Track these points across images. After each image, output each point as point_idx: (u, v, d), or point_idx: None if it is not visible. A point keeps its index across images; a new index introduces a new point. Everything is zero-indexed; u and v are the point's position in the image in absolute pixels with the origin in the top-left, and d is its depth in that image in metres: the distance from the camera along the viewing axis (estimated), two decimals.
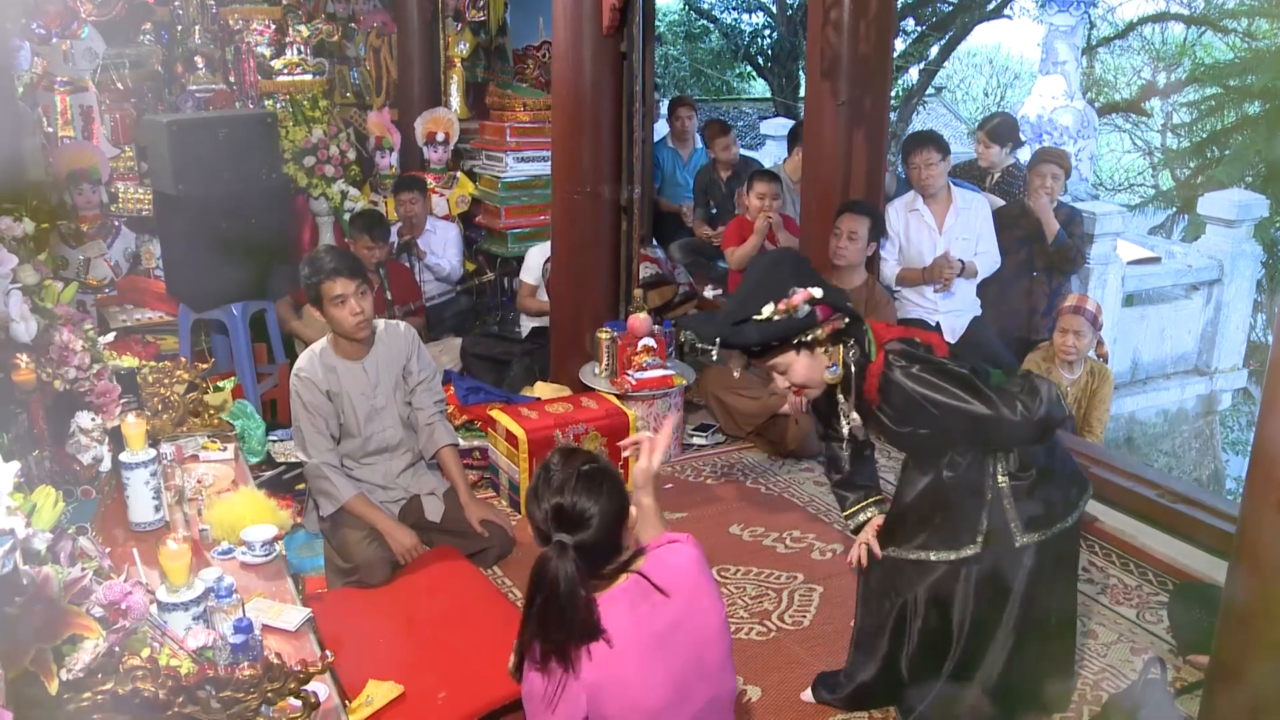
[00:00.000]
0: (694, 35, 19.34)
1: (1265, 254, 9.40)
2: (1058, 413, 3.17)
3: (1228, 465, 9.64)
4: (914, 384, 3.16)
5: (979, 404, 3.11)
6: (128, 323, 6.33)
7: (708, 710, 2.63)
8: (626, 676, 2.49)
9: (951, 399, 3.13)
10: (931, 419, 3.17)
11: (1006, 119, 6.93)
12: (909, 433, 3.28)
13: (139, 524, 3.29)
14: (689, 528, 4.92)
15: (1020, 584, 3.29)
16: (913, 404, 3.17)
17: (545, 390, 6.04)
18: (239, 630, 2.57)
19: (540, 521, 2.54)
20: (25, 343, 3.10)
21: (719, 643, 2.68)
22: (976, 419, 3.12)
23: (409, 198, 7.18)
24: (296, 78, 7.92)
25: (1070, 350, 5.38)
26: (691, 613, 2.61)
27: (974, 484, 3.28)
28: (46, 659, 2.02)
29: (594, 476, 2.57)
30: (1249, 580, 2.58)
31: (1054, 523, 3.29)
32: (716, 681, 2.65)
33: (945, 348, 3.35)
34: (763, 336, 3.20)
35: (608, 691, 2.48)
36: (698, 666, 2.59)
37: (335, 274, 4.16)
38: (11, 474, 2.08)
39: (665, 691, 2.52)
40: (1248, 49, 12.76)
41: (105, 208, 6.81)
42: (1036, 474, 3.27)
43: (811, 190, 6.03)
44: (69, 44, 6.73)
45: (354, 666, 3.57)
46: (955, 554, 3.31)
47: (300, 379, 4.32)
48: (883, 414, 3.28)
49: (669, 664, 2.54)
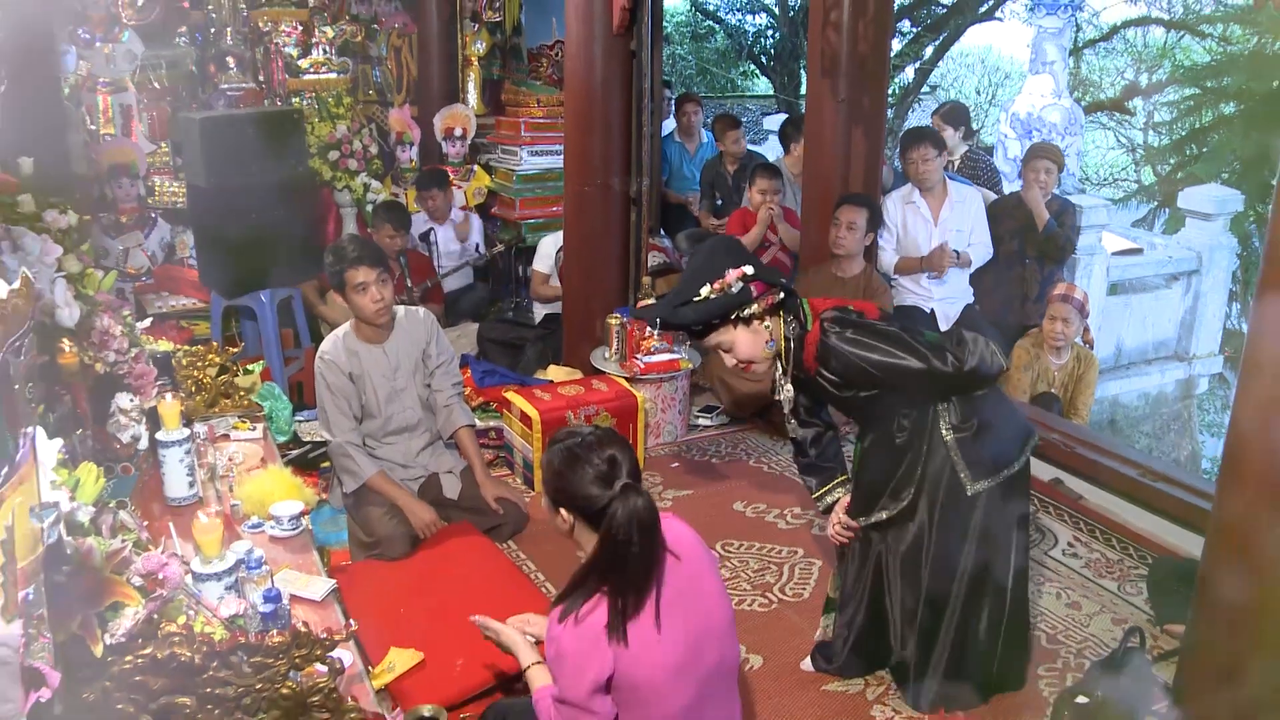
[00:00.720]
0: (700, 35, 19.27)
1: (1240, 246, 9.40)
2: (990, 362, 3.22)
3: (1204, 446, 9.64)
4: (849, 346, 3.21)
5: (912, 359, 3.18)
6: (163, 309, 6.35)
7: (716, 672, 2.64)
8: (649, 635, 2.51)
9: (886, 356, 3.19)
10: (870, 379, 3.23)
11: (958, 105, 7.19)
12: (851, 397, 3.33)
13: (174, 499, 3.30)
14: (695, 505, 4.96)
15: (975, 532, 3.36)
16: (851, 367, 3.22)
17: (558, 373, 6.05)
18: (268, 600, 2.58)
19: (595, 477, 2.51)
20: (69, 327, 3.12)
21: (722, 606, 2.70)
22: (911, 373, 3.18)
23: (430, 194, 7.20)
24: (322, 76, 7.92)
25: (1058, 336, 5.38)
26: (698, 576, 2.63)
27: (920, 441, 3.34)
28: (92, 624, 2.04)
29: (607, 432, 2.63)
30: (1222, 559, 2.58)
31: (1000, 469, 3.34)
32: (723, 643, 2.66)
33: (877, 313, 3.40)
34: (699, 316, 3.25)
35: (633, 649, 2.49)
36: (707, 627, 2.60)
37: (358, 262, 4.17)
38: (56, 450, 2.09)
39: (681, 650, 2.53)
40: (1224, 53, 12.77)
41: (143, 200, 6.83)
42: (979, 425, 3.31)
43: (812, 183, 6.02)
44: (111, 47, 6.76)
45: (376, 635, 3.59)
46: (895, 505, 3.39)
47: (324, 361, 4.33)
48: (824, 380, 3.31)
49: (684, 623, 2.55)
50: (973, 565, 3.37)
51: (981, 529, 3.35)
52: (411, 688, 3.42)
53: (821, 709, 3.56)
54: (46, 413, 2.90)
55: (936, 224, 5.92)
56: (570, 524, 2.61)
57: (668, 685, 2.52)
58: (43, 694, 1.81)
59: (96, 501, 2.32)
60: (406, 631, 3.69)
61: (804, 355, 3.29)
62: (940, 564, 3.39)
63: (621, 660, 2.49)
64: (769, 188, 6.29)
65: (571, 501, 2.57)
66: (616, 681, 2.51)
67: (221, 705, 2.17)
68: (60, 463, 2.16)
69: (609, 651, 2.48)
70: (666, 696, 2.53)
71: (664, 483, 5.25)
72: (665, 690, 2.52)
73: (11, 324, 1.84)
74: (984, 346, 3.24)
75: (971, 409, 3.31)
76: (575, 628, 2.50)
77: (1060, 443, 5.01)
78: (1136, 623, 3.83)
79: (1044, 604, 4.17)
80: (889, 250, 6.04)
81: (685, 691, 2.55)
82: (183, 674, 2.13)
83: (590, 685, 2.49)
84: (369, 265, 4.17)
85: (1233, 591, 2.50)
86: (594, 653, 2.49)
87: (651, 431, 5.64)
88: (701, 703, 2.61)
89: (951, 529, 3.36)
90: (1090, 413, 5.68)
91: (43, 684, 1.81)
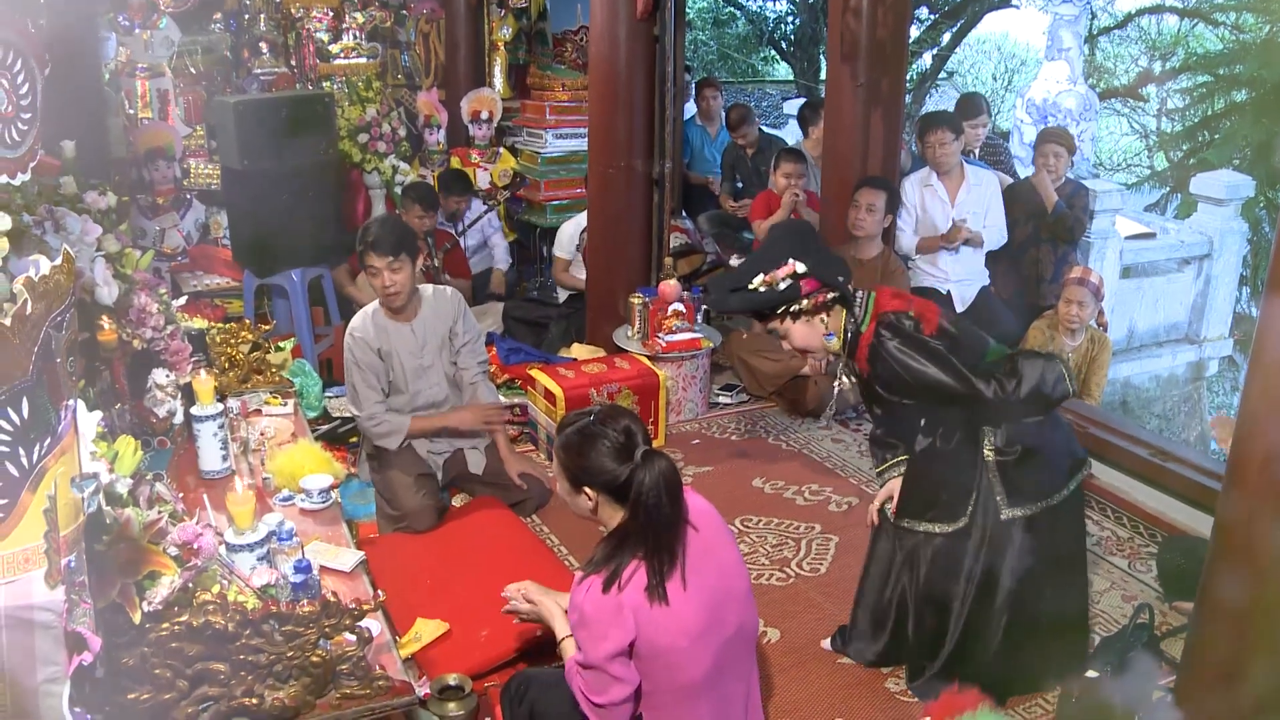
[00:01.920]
0: (721, 21, 19.18)
1: (1251, 231, 9.33)
2: (1054, 389, 3.12)
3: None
4: (896, 355, 3.18)
5: (953, 380, 3.12)
6: (198, 287, 6.37)
7: (736, 638, 2.65)
8: (677, 598, 2.51)
9: (927, 374, 3.15)
10: (911, 390, 3.20)
11: (972, 96, 7.16)
12: (896, 402, 3.30)
13: (208, 472, 3.32)
14: (715, 481, 4.96)
15: (1010, 558, 3.26)
16: (896, 378, 3.20)
17: (581, 351, 6.05)
18: (299, 570, 2.60)
19: (613, 450, 2.53)
20: (108, 305, 3.14)
21: (740, 574, 2.71)
22: (952, 393, 3.13)
23: (452, 200, 7.16)
24: (352, 61, 7.92)
25: (1073, 319, 5.34)
26: (716, 544, 2.65)
27: (965, 458, 3.27)
28: (130, 592, 2.06)
29: (616, 408, 2.67)
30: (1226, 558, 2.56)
31: (1040, 498, 3.25)
32: (742, 609, 2.67)
33: (935, 324, 3.25)
34: (742, 306, 3.24)
35: (660, 613, 2.50)
36: (726, 593, 2.62)
37: (371, 248, 4.19)
38: (96, 423, 2.11)
39: (704, 616, 2.54)
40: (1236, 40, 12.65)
41: (178, 182, 6.85)
42: (1023, 450, 3.22)
43: (832, 165, 5.99)
44: (149, 33, 6.81)
45: (403, 605, 3.61)
46: (951, 526, 3.30)
47: (354, 338, 4.34)
48: (874, 381, 3.30)
49: (704, 590, 2.56)
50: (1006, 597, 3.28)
51: (1016, 561, 3.25)
52: (437, 657, 3.44)
53: (836, 682, 3.56)
54: (87, 387, 2.91)
55: (953, 206, 5.89)
56: (594, 503, 2.62)
57: (689, 651, 2.53)
58: (85, 657, 1.83)
59: (134, 474, 2.34)
60: (432, 602, 3.71)
61: (856, 355, 3.28)
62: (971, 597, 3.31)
63: (644, 628, 2.50)
64: (794, 172, 6.26)
65: (594, 480, 2.57)
66: (639, 649, 2.52)
67: (254, 672, 2.19)
68: (100, 436, 2.17)
69: (630, 619, 2.49)
70: (687, 664, 2.54)
71: (685, 459, 5.25)
72: (686, 657, 2.53)
73: (54, 299, 1.85)
74: (1047, 373, 3.14)
75: (1020, 433, 3.23)
76: (600, 596, 2.52)
77: (1073, 422, 4.96)
78: (1146, 600, 3.82)
79: None
80: (908, 232, 6.01)
81: (705, 658, 2.56)
82: (217, 641, 2.15)
83: (611, 649, 2.50)
84: (379, 253, 4.18)
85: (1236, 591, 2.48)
86: (615, 619, 2.50)
87: (673, 409, 5.64)
88: (721, 671, 2.62)
89: (983, 556, 3.28)
90: (1103, 394, 5.65)
91: (85, 648, 1.83)
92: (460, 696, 3.23)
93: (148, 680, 2.11)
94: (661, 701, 2.59)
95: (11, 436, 1.78)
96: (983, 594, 3.30)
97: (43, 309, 1.81)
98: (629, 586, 2.52)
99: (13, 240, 2.23)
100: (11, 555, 1.81)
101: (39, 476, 1.83)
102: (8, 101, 2.06)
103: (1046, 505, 3.26)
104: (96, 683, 1.99)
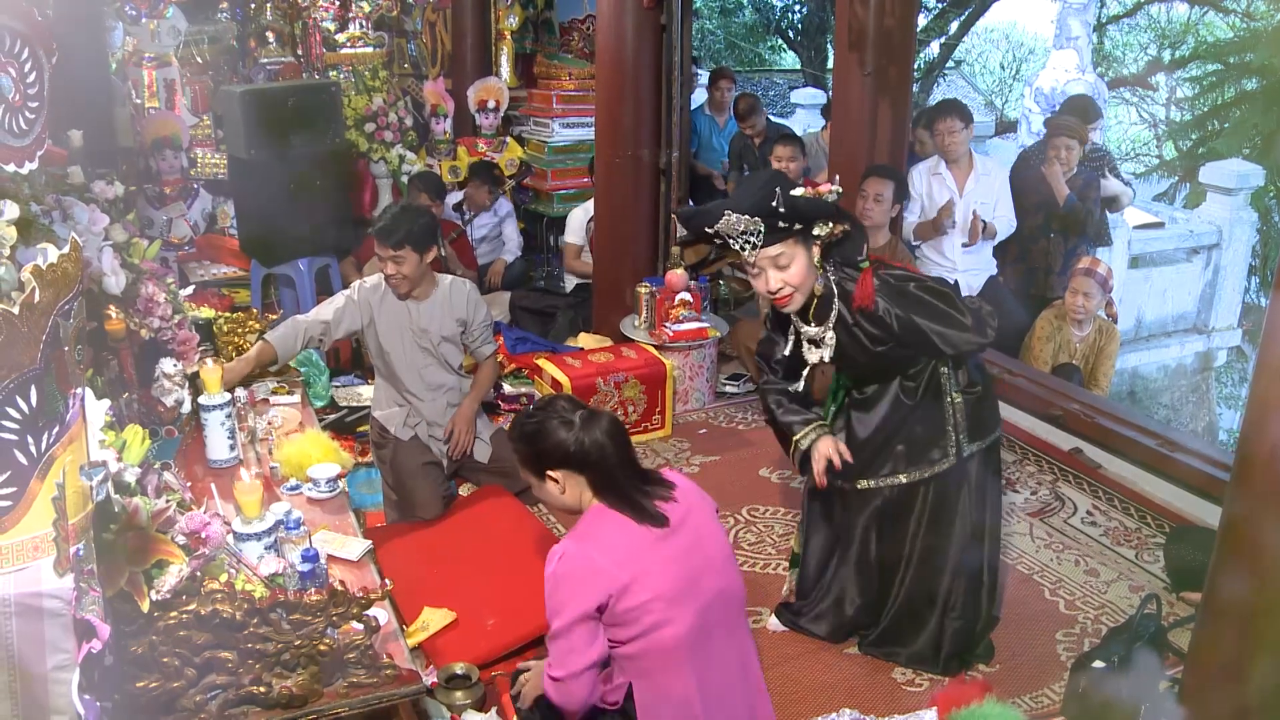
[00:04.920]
0: (728, 10, 19.18)
1: (1260, 221, 9.32)
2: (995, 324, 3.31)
3: (1221, 418, 9.58)
4: (911, 285, 3.22)
5: (948, 307, 3.21)
6: (205, 277, 6.38)
7: (717, 601, 2.67)
8: (645, 562, 2.55)
9: (943, 304, 3.21)
10: (912, 329, 3.20)
11: None
12: (879, 350, 3.27)
13: (216, 461, 3.32)
14: (721, 470, 4.97)
15: (967, 492, 3.40)
16: (908, 304, 3.19)
17: (588, 341, 6.05)
18: (306, 559, 2.60)
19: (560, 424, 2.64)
20: (115, 294, 3.14)
21: (719, 541, 2.76)
22: (945, 326, 3.20)
23: (478, 187, 7.15)
24: (358, 50, 7.93)
25: (1080, 310, 5.34)
26: (692, 514, 2.68)
27: (935, 403, 3.35)
28: (139, 581, 2.06)
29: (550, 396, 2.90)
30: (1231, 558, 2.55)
31: (991, 431, 3.42)
32: (722, 575, 2.70)
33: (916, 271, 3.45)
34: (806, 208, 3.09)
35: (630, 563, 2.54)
36: (704, 560, 2.65)
37: (376, 236, 4.21)
38: (104, 412, 2.12)
39: (677, 579, 2.57)
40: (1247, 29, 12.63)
41: (185, 172, 6.87)
42: (982, 389, 3.38)
43: (839, 155, 5.97)
44: (156, 23, 6.83)
45: (410, 594, 3.62)
46: (931, 470, 3.39)
47: (358, 286, 4.37)
48: (860, 328, 3.24)
49: (678, 554, 2.59)
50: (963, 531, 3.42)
51: (973, 494, 3.40)
52: (444, 646, 3.45)
53: (842, 671, 3.56)
54: (95, 376, 2.92)
55: (961, 195, 5.87)
56: (561, 484, 2.68)
57: (666, 612, 2.54)
58: (94, 645, 1.84)
59: (142, 462, 2.35)
60: (439, 591, 3.72)
61: (858, 293, 3.19)
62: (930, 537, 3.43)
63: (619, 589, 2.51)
64: (788, 154, 6.25)
65: (552, 457, 2.66)
66: (614, 608, 2.52)
67: (262, 660, 2.20)
68: (108, 424, 2.18)
69: (602, 574, 2.52)
70: (664, 625, 2.55)
71: (692, 448, 5.25)
72: (663, 617, 2.54)
73: (62, 288, 1.85)
74: (985, 307, 3.31)
75: (975, 372, 3.38)
76: (573, 553, 2.56)
77: (1080, 413, 4.98)
78: (1153, 590, 3.82)
79: (1063, 570, 4.16)
80: (914, 221, 6.00)
81: (685, 619, 2.58)
82: (225, 629, 2.15)
83: (580, 609, 2.52)
84: (382, 244, 4.19)
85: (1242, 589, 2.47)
86: (587, 577, 2.53)
87: (679, 398, 5.64)
88: (707, 634, 2.64)
89: (945, 494, 3.40)
90: (1110, 384, 5.65)
91: (94, 636, 1.84)
92: (467, 685, 3.25)
93: (156, 668, 2.11)
94: (649, 667, 2.60)
95: (20, 424, 1.79)
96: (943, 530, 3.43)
97: (51, 297, 1.81)
98: (602, 539, 2.59)
99: (20, 229, 2.23)
100: (20, 543, 1.82)
101: (48, 464, 1.84)
102: (15, 90, 2.07)
103: (994, 438, 3.44)
104: (105, 670, 2.00)
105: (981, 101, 17.43)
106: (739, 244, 3.09)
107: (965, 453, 3.35)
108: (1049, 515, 4.57)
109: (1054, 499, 4.69)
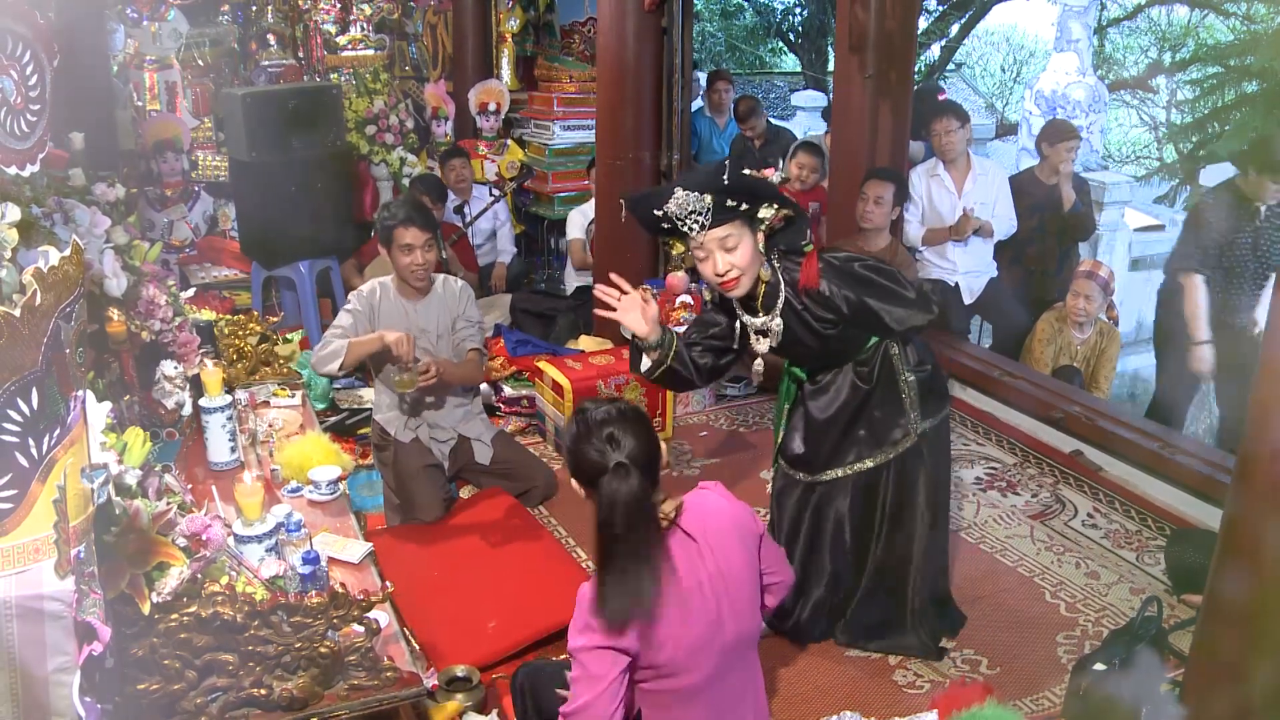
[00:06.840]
0: (729, 12, 19.17)
1: None
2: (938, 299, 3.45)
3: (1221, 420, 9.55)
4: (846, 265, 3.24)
5: (894, 284, 3.25)
6: (206, 280, 6.39)
7: (735, 643, 2.64)
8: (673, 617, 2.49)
9: (889, 282, 3.25)
10: (861, 308, 3.22)
11: None
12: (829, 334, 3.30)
13: (217, 463, 3.33)
14: (722, 473, 4.96)
15: (925, 470, 3.46)
16: (855, 284, 3.22)
17: (589, 343, 6.05)
18: (307, 561, 2.60)
19: (595, 452, 2.42)
20: (116, 297, 3.15)
21: (748, 584, 2.66)
22: (904, 302, 3.25)
23: (459, 163, 7.19)
24: (359, 53, 7.94)
25: (1081, 313, 5.34)
26: (725, 557, 2.58)
27: (890, 385, 3.40)
28: (139, 583, 2.07)
29: (628, 411, 2.52)
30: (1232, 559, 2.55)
31: (942, 407, 3.48)
32: (742, 618, 2.65)
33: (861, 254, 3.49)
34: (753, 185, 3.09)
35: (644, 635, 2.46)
36: (729, 606, 2.57)
37: (408, 223, 4.16)
38: (105, 414, 2.12)
39: (701, 631, 2.51)
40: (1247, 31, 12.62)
41: (186, 174, 6.88)
42: (931, 367, 3.44)
43: (840, 157, 5.98)
44: (157, 26, 6.86)
45: (411, 596, 3.62)
46: (895, 450, 3.44)
47: (358, 292, 4.34)
48: (809, 312, 3.26)
49: (705, 605, 2.52)
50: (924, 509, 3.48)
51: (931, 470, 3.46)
52: (445, 648, 3.45)
53: (844, 675, 3.56)
54: (96, 378, 2.93)
55: (960, 196, 5.87)
56: (584, 493, 2.59)
57: (688, 662, 2.52)
58: (95, 647, 1.84)
59: (143, 465, 2.35)
60: (440, 594, 3.72)
61: (803, 275, 3.21)
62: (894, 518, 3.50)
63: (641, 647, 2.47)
64: (809, 164, 6.29)
65: (577, 471, 2.51)
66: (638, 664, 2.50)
67: (262, 662, 2.20)
68: (109, 427, 2.18)
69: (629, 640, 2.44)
70: (686, 672, 2.53)
71: (692, 451, 5.26)
72: (685, 666, 2.52)
73: (63, 290, 1.86)
74: (932, 292, 3.41)
75: (921, 352, 3.44)
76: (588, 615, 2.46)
77: (1081, 415, 4.98)
78: (1154, 593, 3.82)
79: (1064, 573, 4.15)
80: (914, 223, 5.99)
81: (707, 665, 2.55)
82: (226, 632, 2.16)
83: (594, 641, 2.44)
84: (419, 228, 4.16)
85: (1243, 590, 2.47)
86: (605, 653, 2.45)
87: (680, 401, 5.64)
88: (723, 672, 2.62)
89: (906, 473, 3.45)
90: (1111, 386, 5.65)
91: (95, 638, 1.84)
92: (468, 688, 3.24)
93: (157, 671, 2.12)
94: (663, 701, 2.59)
95: (21, 427, 1.79)
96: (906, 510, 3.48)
97: (52, 300, 1.82)
98: None
99: (22, 232, 2.23)
100: (21, 545, 1.82)
101: (49, 467, 1.84)
102: (17, 93, 2.07)
103: (944, 414, 3.51)
104: (106, 673, 2.00)
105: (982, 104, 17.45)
106: (687, 225, 3.09)
107: (920, 430, 3.41)
108: (1050, 518, 4.57)
109: (1055, 502, 4.69)
